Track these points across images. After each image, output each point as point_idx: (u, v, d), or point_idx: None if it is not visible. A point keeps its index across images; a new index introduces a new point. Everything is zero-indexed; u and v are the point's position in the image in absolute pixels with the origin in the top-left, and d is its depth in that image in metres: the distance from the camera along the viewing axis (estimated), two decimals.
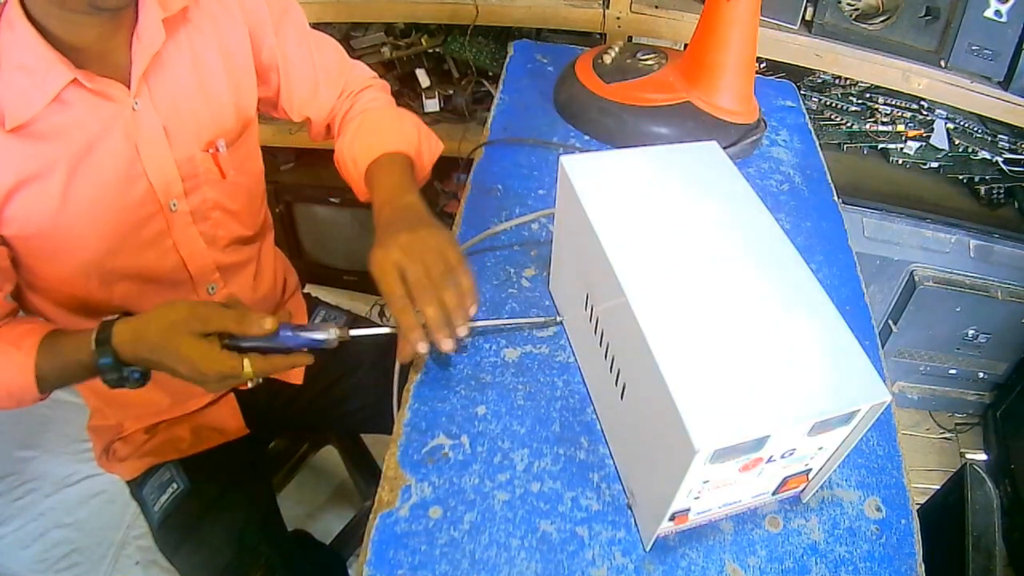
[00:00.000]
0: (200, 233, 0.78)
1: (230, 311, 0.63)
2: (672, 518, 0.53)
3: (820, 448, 0.52)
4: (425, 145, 0.82)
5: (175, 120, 0.70)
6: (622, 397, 0.57)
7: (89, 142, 0.64)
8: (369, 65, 1.45)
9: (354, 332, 0.66)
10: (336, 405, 1.01)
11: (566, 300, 0.71)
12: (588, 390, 0.67)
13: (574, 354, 0.70)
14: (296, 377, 0.96)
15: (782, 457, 0.51)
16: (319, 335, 0.65)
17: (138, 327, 0.63)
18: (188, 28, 0.70)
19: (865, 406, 0.48)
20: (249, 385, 0.66)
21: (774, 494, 0.58)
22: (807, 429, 0.48)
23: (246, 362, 0.62)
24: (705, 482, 0.50)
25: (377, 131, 0.80)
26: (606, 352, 0.59)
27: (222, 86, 0.74)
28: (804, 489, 0.59)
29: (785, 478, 0.55)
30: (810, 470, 0.55)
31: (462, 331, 0.63)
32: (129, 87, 0.65)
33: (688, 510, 0.53)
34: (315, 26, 0.83)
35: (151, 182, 0.70)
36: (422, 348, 0.62)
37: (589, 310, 0.62)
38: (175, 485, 0.85)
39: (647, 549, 0.56)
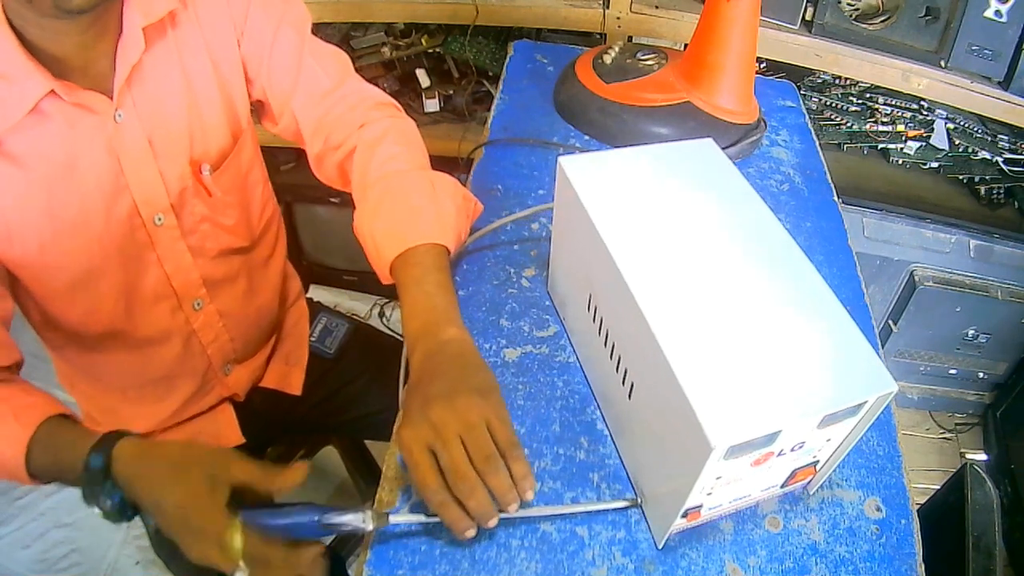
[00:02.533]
0: (188, 246, 0.74)
1: (255, 464, 0.55)
2: (684, 515, 0.53)
3: (828, 440, 0.52)
4: (465, 222, 0.71)
5: (162, 132, 0.67)
6: (630, 397, 0.57)
7: (69, 157, 0.62)
8: (369, 65, 1.47)
9: (395, 518, 0.54)
10: (336, 413, 1.00)
11: (566, 301, 0.71)
12: (592, 391, 0.67)
13: (576, 354, 0.70)
14: (295, 387, 0.95)
15: (791, 450, 0.51)
16: (346, 520, 0.52)
17: (149, 449, 0.58)
18: (177, 33, 0.66)
19: (872, 397, 0.48)
20: (228, 573, 0.51)
21: (782, 487, 0.58)
22: (817, 422, 0.48)
23: (237, 536, 0.51)
24: (718, 478, 0.50)
25: (402, 208, 0.67)
26: (611, 352, 0.59)
27: (212, 97, 0.70)
28: (811, 481, 0.59)
29: (794, 470, 0.55)
30: (817, 462, 0.56)
31: (513, 508, 0.53)
32: (112, 97, 0.62)
33: (700, 506, 0.53)
34: (315, 26, 0.82)
35: (134, 197, 0.67)
36: (470, 534, 0.53)
37: (592, 311, 0.62)
38: None
39: (659, 547, 0.57)
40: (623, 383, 0.57)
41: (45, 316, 0.71)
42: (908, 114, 1.45)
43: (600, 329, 0.61)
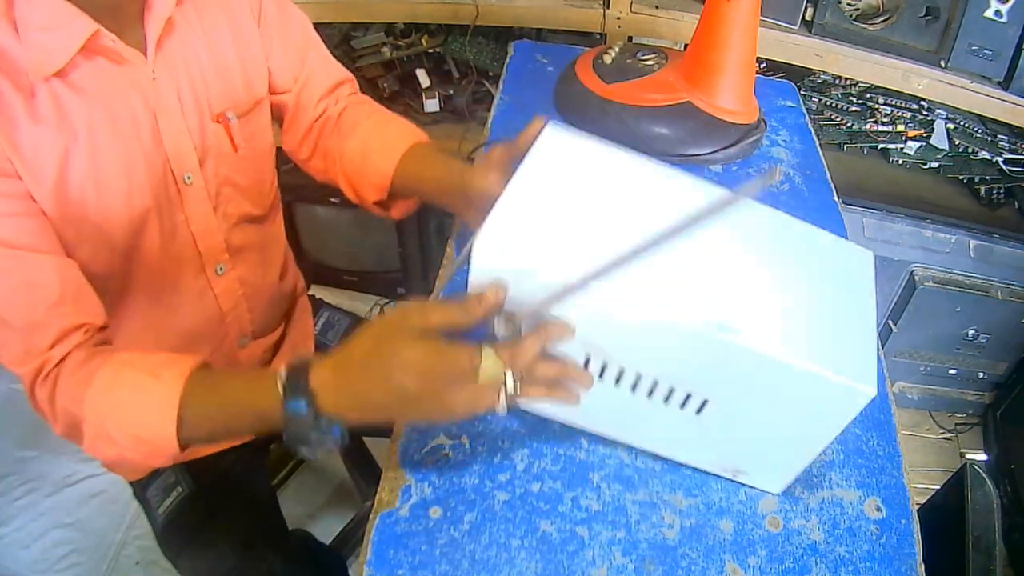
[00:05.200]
0: (212, 208, 0.76)
1: (449, 304, 0.53)
2: None
3: None
4: None
5: (188, 89, 0.69)
6: (698, 412, 0.56)
7: (110, 109, 0.64)
8: (369, 65, 1.47)
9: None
10: None
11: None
12: (591, 430, 0.63)
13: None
14: None
15: None
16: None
17: (340, 355, 0.53)
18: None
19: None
20: (500, 404, 0.52)
21: None
22: None
23: (488, 352, 0.51)
24: None
25: (399, 125, 0.82)
26: (651, 391, 0.56)
27: (231, 56, 0.73)
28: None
29: None
30: None
31: None
32: (146, 54, 0.64)
33: None
34: (316, 26, 0.83)
35: (167, 154, 0.69)
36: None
37: (601, 370, 0.56)
38: (180, 488, 0.85)
39: (778, 493, 0.61)
40: (682, 407, 0.56)
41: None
42: (908, 114, 1.45)
43: (618, 382, 0.56)
